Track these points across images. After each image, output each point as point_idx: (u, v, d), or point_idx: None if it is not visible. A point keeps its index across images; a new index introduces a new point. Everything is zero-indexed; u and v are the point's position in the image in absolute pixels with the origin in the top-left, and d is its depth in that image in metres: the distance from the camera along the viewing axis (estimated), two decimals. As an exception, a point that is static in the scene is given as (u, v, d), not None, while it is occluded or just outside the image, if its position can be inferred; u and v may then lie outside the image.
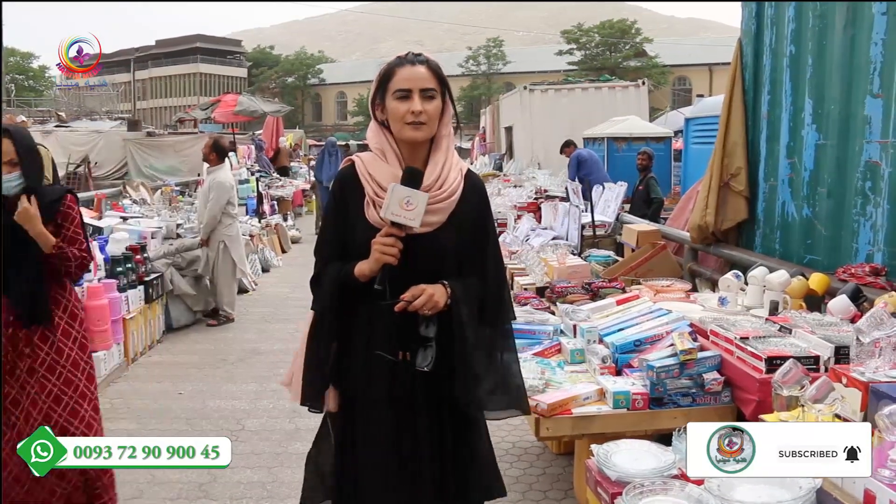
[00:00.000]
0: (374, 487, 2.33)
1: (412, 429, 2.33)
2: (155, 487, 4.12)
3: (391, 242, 2.18)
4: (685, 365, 3.15)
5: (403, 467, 2.33)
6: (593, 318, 3.91)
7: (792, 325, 3.27)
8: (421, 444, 2.33)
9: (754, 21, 5.25)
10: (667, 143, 15.52)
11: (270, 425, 5.07)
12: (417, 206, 2.17)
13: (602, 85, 19.64)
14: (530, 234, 7.48)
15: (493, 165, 20.05)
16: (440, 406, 2.35)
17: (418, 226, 2.19)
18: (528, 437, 4.69)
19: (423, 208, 2.17)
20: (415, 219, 2.17)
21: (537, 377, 3.28)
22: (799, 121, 4.68)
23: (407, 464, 2.33)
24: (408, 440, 2.33)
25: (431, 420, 2.34)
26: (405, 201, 2.16)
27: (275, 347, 7.04)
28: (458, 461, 2.39)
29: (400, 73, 2.26)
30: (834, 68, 4.34)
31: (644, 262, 5.58)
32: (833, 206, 4.38)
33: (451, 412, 2.37)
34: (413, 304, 2.21)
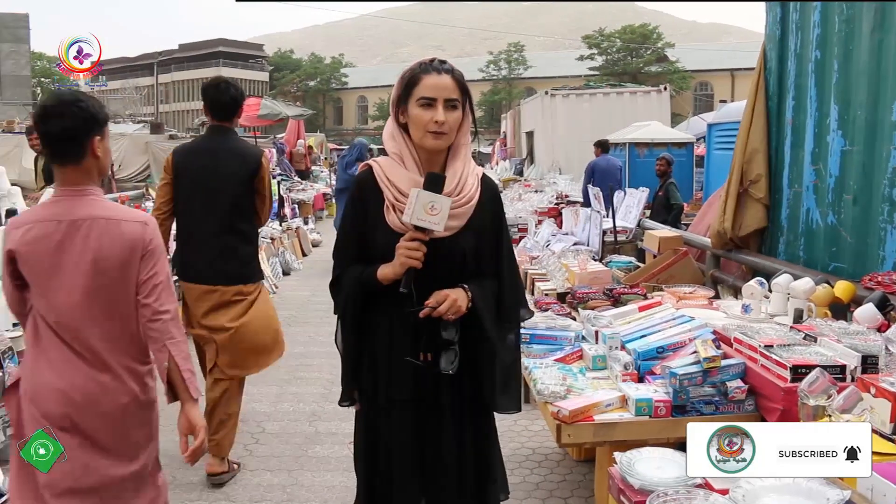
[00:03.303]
0: (399, 488, 2.36)
1: (435, 431, 2.36)
2: (175, 489, 4.14)
3: (416, 246, 2.21)
4: (708, 372, 3.12)
5: (427, 468, 2.36)
6: (615, 324, 3.89)
7: (817, 333, 3.23)
8: (443, 445, 2.36)
9: (779, 26, 5.20)
10: (689, 149, 15.46)
11: (291, 428, 5.08)
12: (441, 210, 2.19)
13: (624, 90, 19.61)
14: (551, 240, 7.45)
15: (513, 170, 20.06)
16: (462, 407, 2.38)
17: (442, 230, 2.22)
18: (548, 444, 4.67)
19: (447, 212, 2.20)
20: (439, 223, 2.20)
21: (559, 383, 3.26)
22: (824, 127, 4.63)
23: (430, 465, 2.36)
24: (431, 442, 2.36)
25: (454, 422, 2.37)
26: (430, 206, 2.19)
27: (295, 350, 7.04)
28: (479, 462, 2.42)
29: (426, 80, 2.27)
30: (861, 73, 4.29)
31: (666, 269, 5.55)
32: (859, 213, 4.32)
33: (472, 413, 2.39)
34: (437, 310, 2.24)
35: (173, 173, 4.30)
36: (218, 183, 4.22)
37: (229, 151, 4.31)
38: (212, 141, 4.40)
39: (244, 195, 4.29)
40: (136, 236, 2.58)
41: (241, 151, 4.38)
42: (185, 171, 4.28)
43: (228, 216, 4.23)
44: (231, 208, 4.24)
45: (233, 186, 4.24)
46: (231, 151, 4.31)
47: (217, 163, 4.25)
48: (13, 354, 4.22)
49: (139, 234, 2.59)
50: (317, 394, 5.72)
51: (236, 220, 4.27)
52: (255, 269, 4.45)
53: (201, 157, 4.31)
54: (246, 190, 4.29)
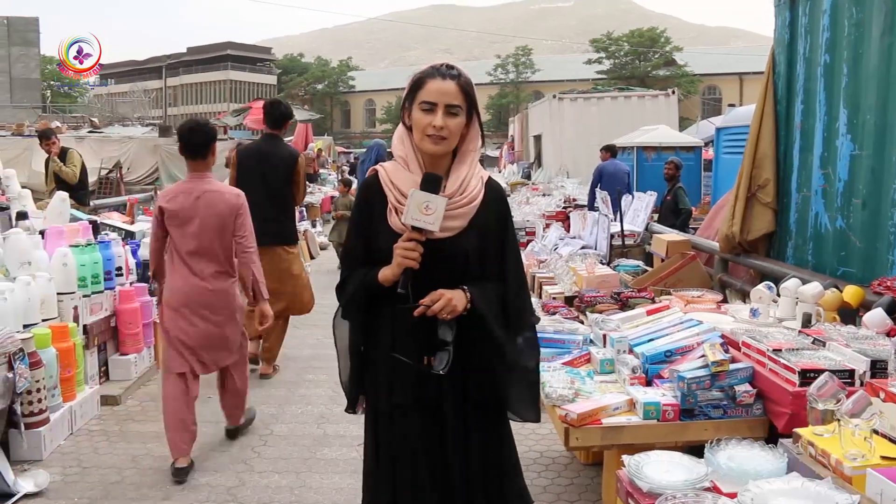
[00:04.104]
0: (404, 493, 2.35)
1: (439, 434, 2.35)
2: (184, 491, 4.16)
3: (412, 247, 2.22)
4: (716, 376, 3.11)
5: (432, 473, 2.35)
6: (623, 327, 3.89)
7: (826, 337, 3.22)
8: (448, 449, 2.35)
9: (787, 30, 5.20)
10: (697, 153, 15.43)
11: (299, 430, 5.09)
12: (436, 210, 2.20)
13: (632, 94, 19.61)
14: (559, 243, 7.46)
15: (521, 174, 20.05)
16: (466, 411, 2.37)
17: (437, 230, 2.22)
18: (555, 447, 4.67)
19: (441, 212, 2.20)
20: (434, 223, 2.20)
21: (567, 387, 3.26)
22: (833, 131, 4.62)
23: (435, 469, 2.35)
24: (435, 446, 2.35)
25: (458, 425, 2.36)
26: (424, 206, 2.20)
27: (304, 353, 7.07)
28: (487, 468, 2.40)
29: (429, 84, 2.28)
30: (870, 77, 4.28)
31: (674, 273, 5.54)
32: (868, 217, 4.31)
33: (478, 417, 2.38)
34: (432, 309, 2.24)
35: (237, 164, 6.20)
36: (267, 171, 6.10)
37: (276, 151, 6.22)
38: (265, 143, 6.33)
39: (285, 182, 6.16)
40: (233, 203, 4.45)
41: (285, 151, 6.31)
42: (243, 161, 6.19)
43: (272, 196, 6.04)
44: (275, 190, 6.08)
45: (277, 176, 6.12)
46: (277, 150, 6.23)
47: (268, 158, 6.13)
48: (24, 356, 4.24)
49: (234, 201, 4.46)
50: (325, 396, 5.73)
51: (278, 198, 6.13)
52: (291, 235, 6.42)
53: (256, 154, 6.21)
54: (286, 178, 6.16)
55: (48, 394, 4.56)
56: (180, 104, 73.15)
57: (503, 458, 2.48)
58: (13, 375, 4.10)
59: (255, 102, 20.92)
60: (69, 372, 4.88)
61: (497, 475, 2.44)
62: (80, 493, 4.11)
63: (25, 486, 4.05)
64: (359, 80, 74.48)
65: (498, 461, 2.45)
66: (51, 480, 4.18)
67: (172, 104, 72.15)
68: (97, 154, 17.86)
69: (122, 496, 4.10)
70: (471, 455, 2.39)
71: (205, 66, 73.65)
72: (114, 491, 4.15)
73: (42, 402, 4.49)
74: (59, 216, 6.20)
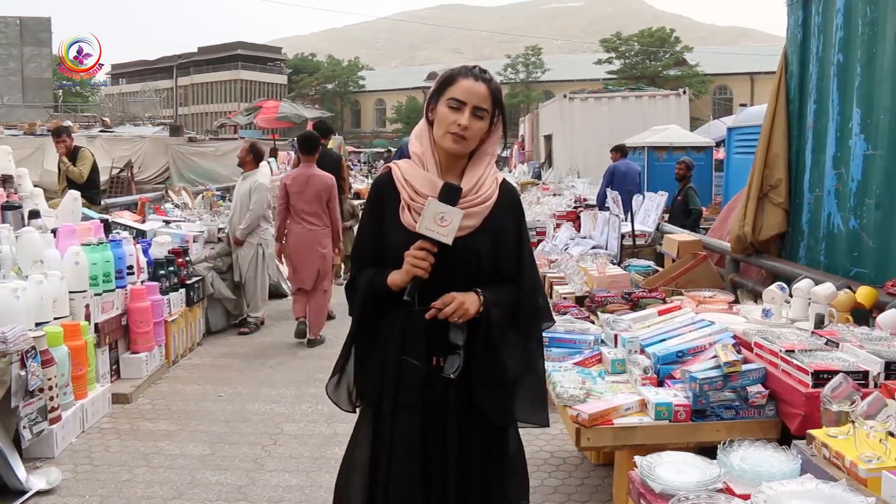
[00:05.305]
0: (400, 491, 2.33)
1: (441, 435, 2.33)
2: (195, 489, 4.17)
3: (423, 256, 2.21)
4: (729, 377, 3.10)
5: (429, 473, 2.33)
6: (635, 328, 3.87)
7: (839, 338, 3.20)
8: (448, 450, 2.33)
9: (800, 29, 5.17)
10: (708, 153, 15.37)
11: (309, 429, 5.10)
12: (452, 222, 2.19)
13: (642, 94, 19.53)
14: (569, 243, 7.45)
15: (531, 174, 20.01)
16: (470, 414, 2.35)
17: (450, 243, 2.21)
18: (566, 447, 4.66)
19: (456, 225, 2.20)
20: (448, 235, 2.19)
21: (578, 387, 3.25)
22: (846, 131, 4.59)
23: (432, 470, 2.33)
24: (435, 446, 2.33)
25: (460, 427, 2.34)
26: (440, 217, 2.19)
27: (313, 352, 7.08)
28: (486, 470, 2.38)
29: (460, 83, 2.29)
30: (884, 77, 4.24)
31: (685, 273, 5.52)
32: (881, 217, 4.28)
33: (482, 420, 2.36)
34: (443, 312, 2.23)
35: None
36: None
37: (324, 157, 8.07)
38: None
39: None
40: (329, 183, 7.26)
41: (331, 157, 8.87)
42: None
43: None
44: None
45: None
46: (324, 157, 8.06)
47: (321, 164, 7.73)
48: (36, 354, 4.26)
49: (329, 182, 7.27)
50: (335, 395, 5.73)
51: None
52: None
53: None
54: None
55: (60, 392, 4.58)
56: (191, 104, 73.38)
57: (504, 459, 2.44)
58: (26, 373, 4.12)
59: (266, 102, 20.96)
60: (81, 370, 4.90)
61: (495, 476, 2.41)
62: (92, 491, 4.13)
63: (37, 483, 4.07)
64: (369, 80, 74.42)
65: (499, 463, 2.42)
66: (62, 478, 4.20)
67: (183, 104, 72.39)
68: (108, 153, 17.90)
69: (133, 494, 4.11)
70: (470, 455, 2.36)
71: (215, 65, 73.79)
72: (125, 489, 4.17)
73: (54, 399, 4.50)
74: (70, 215, 6.22)
